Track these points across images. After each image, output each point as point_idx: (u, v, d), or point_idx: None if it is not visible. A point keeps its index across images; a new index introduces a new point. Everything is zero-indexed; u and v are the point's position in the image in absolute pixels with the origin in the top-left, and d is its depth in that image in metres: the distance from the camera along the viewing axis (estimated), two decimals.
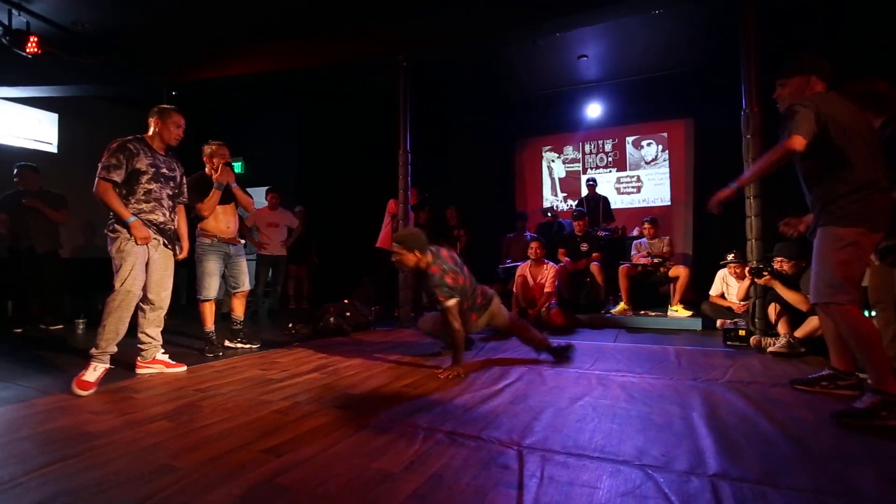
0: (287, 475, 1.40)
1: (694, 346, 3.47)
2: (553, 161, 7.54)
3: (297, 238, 5.73)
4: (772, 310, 3.28)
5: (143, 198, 2.54)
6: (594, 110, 6.72)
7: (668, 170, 6.81)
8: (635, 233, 5.71)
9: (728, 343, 3.43)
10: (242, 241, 3.56)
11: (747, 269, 3.43)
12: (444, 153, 7.14)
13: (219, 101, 6.69)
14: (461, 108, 7.03)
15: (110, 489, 1.33)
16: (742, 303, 3.93)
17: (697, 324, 4.37)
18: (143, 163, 2.53)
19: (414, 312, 4.71)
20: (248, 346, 3.50)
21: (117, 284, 2.47)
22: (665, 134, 6.85)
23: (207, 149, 3.33)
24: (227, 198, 3.32)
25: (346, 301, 4.41)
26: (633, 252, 5.12)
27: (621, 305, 4.82)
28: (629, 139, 7.05)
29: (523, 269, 4.83)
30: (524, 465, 1.46)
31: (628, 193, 7.06)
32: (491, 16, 4.31)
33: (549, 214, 6.62)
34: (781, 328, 3.18)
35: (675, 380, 2.49)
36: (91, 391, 2.28)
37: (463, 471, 1.42)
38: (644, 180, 6.97)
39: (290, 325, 4.28)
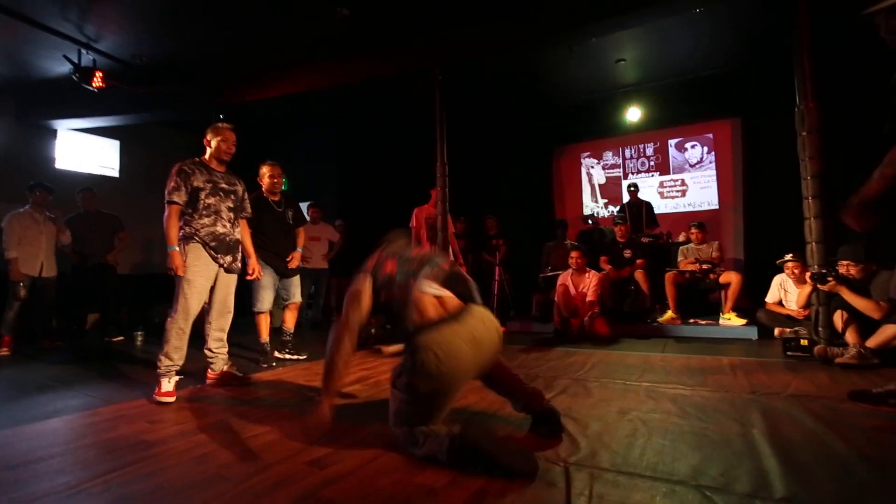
0: (331, 488, 1.41)
1: (750, 357, 3.27)
2: (592, 167, 7.39)
3: (338, 251, 5.86)
4: (838, 318, 3.05)
5: (204, 212, 2.67)
6: (634, 114, 6.55)
7: (714, 172, 6.51)
8: (681, 238, 5.49)
9: (789, 353, 3.20)
10: None
11: (809, 274, 3.21)
12: (481, 163, 7.14)
13: (263, 120, 6.99)
14: (497, 116, 7.02)
15: (165, 497, 1.39)
16: (803, 309, 3.68)
17: (753, 332, 4.11)
18: (199, 180, 2.67)
19: None
20: (295, 356, 3.62)
21: (177, 307, 2.57)
22: (710, 135, 6.57)
23: (263, 168, 3.54)
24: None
25: None
26: (679, 258, 4.91)
27: (668, 314, 4.61)
28: (672, 142, 6.82)
29: (565, 277, 4.73)
30: (571, 482, 1.40)
31: (672, 198, 6.80)
32: (525, 26, 4.29)
33: (590, 221, 6.48)
34: (850, 337, 2.94)
35: (731, 393, 2.34)
36: (174, 398, 2.42)
37: (508, 488, 1.38)
38: (689, 184, 6.70)
39: None
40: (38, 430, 2.04)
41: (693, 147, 6.69)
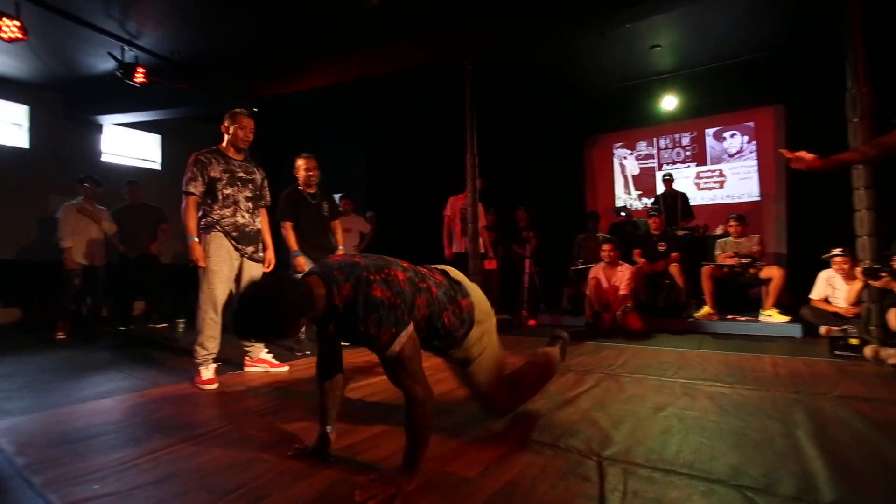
0: (364, 474, 1.44)
1: (794, 356, 3.14)
2: (625, 158, 7.21)
3: (369, 243, 5.93)
4: (892, 316, 2.89)
5: (223, 202, 2.67)
6: (669, 102, 6.33)
7: (755, 162, 6.25)
8: (719, 231, 5.30)
9: (837, 353, 3.06)
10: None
11: (860, 269, 3.05)
12: (511, 154, 7.06)
13: (293, 111, 7.12)
14: (527, 106, 6.92)
15: (210, 475, 1.45)
16: (852, 307, 3.50)
17: (796, 330, 3.94)
18: (216, 170, 2.65)
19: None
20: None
21: (204, 297, 2.61)
22: (751, 123, 6.30)
23: (298, 161, 3.48)
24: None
25: None
26: (717, 252, 4.74)
27: (705, 309, 4.48)
28: (709, 131, 6.57)
29: (596, 270, 4.65)
30: (605, 477, 1.39)
31: (710, 189, 6.57)
32: (556, 13, 4.20)
33: (623, 213, 6.34)
34: None
35: (773, 392, 2.26)
36: (216, 385, 2.50)
37: (540, 479, 1.38)
38: (728, 174, 6.45)
39: None
40: (93, 409, 2.16)
41: (732, 136, 6.43)
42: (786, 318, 4.07)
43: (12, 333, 4.75)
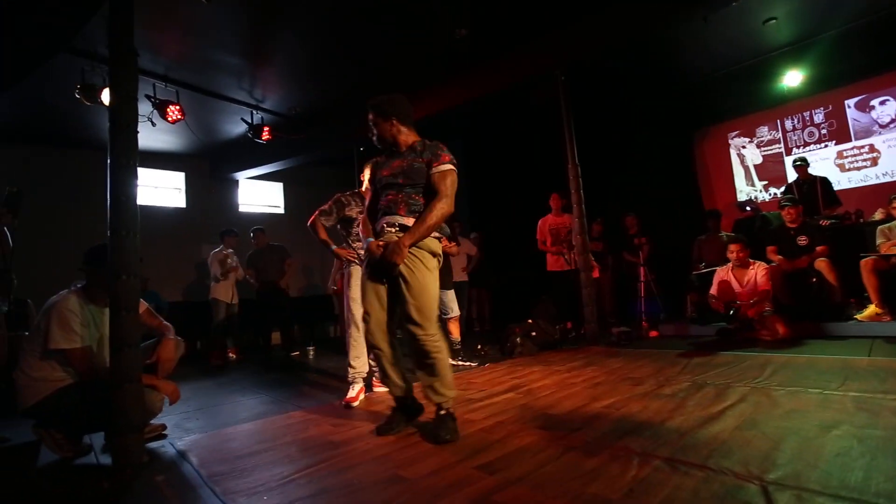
0: (502, 493, 1.44)
1: None
2: (744, 147, 6.49)
3: (475, 265, 6.02)
4: None
5: (356, 238, 3.00)
6: (793, 78, 5.62)
7: None
8: (878, 216, 4.51)
9: None
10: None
11: None
12: (614, 158, 6.76)
13: None
14: (627, 107, 6.60)
15: (356, 492, 1.55)
16: None
17: None
18: (353, 212, 2.97)
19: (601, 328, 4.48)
20: (468, 363, 3.85)
21: (350, 321, 2.90)
22: None
23: None
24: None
25: (529, 321, 4.43)
26: (879, 240, 4.02)
27: (871, 309, 3.79)
28: (850, 102, 5.68)
29: (724, 273, 4.20)
30: None
31: (858, 169, 5.64)
32: (649, 6, 4.00)
33: (748, 208, 5.69)
34: None
35: None
36: (357, 403, 2.74)
37: None
38: (881, 149, 5.49)
39: (479, 346, 4.47)
40: (251, 429, 2.45)
41: (883, 103, 5.48)
42: None
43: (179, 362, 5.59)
